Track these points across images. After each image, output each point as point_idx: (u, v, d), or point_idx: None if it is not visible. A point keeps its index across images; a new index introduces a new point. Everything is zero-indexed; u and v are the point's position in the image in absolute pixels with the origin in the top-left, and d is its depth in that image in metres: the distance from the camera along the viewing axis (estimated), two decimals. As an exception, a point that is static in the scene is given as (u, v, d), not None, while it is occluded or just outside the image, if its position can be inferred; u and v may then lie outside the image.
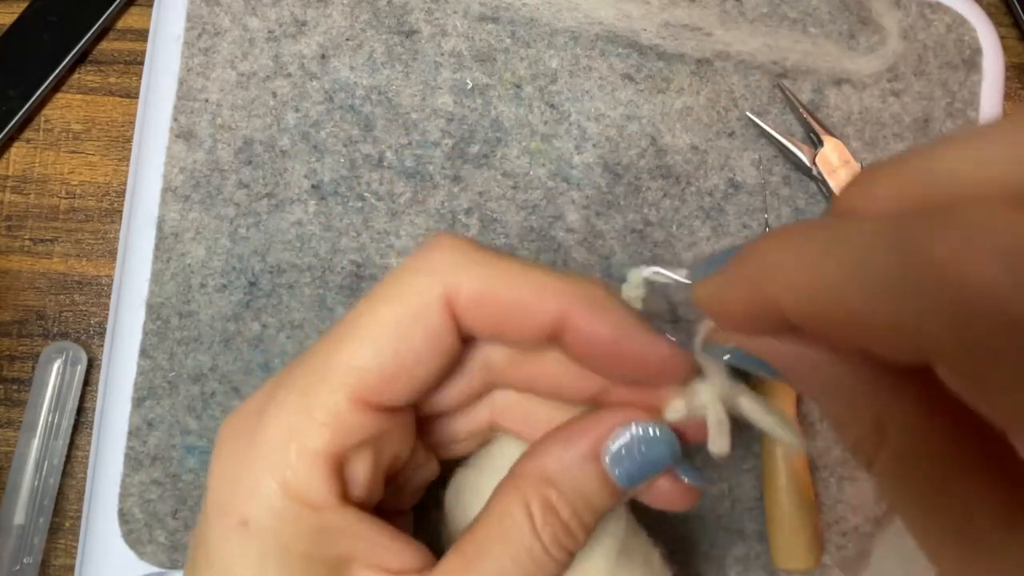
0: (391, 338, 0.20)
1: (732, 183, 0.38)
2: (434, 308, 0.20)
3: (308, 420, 0.20)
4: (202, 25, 0.38)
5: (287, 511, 0.19)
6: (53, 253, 0.40)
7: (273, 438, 0.20)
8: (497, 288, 0.21)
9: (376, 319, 0.20)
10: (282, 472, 0.19)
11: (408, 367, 0.20)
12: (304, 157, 0.37)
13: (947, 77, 0.39)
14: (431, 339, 0.21)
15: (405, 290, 0.21)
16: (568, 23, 0.38)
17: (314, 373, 0.20)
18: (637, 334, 0.21)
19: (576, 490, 0.21)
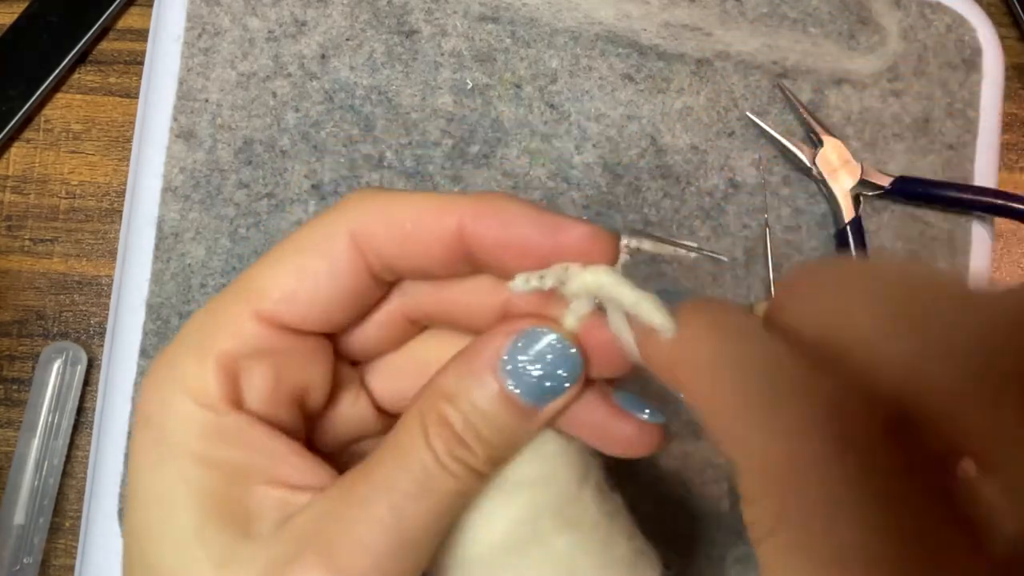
0: (295, 264, 0.22)
1: (732, 183, 0.38)
2: (337, 239, 0.22)
3: (211, 328, 0.22)
4: (202, 25, 0.38)
5: (181, 407, 0.21)
6: (53, 253, 0.40)
7: (181, 347, 0.22)
8: (395, 212, 0.22)
9: (285, 249, 0.22)
10: (181, 371, 0.21)
11: (308, 289, 0.22)
12: (304, 157, 0.37)
13: (947, 77, 0.39)
14: (333, 266, 0.22)
15: (313, 230, 0.22)
16: (568, 23, 0.38)
17: (222, 295, 0.22)
18: (531, 219, 0.21)
19: (471, 403, 0.21)
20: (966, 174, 0.39)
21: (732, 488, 0.37)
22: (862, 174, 0.38)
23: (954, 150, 0.39)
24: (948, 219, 0.39)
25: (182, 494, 0.21)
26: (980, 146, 0.39)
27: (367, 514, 0.20)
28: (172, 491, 0.21)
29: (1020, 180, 0.43)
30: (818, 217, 0.38)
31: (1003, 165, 0.42)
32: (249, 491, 0.21)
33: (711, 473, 0.37)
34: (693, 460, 0.37)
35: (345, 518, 0.20)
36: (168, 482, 0.21)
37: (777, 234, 0.38)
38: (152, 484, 0.21)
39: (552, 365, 0.21)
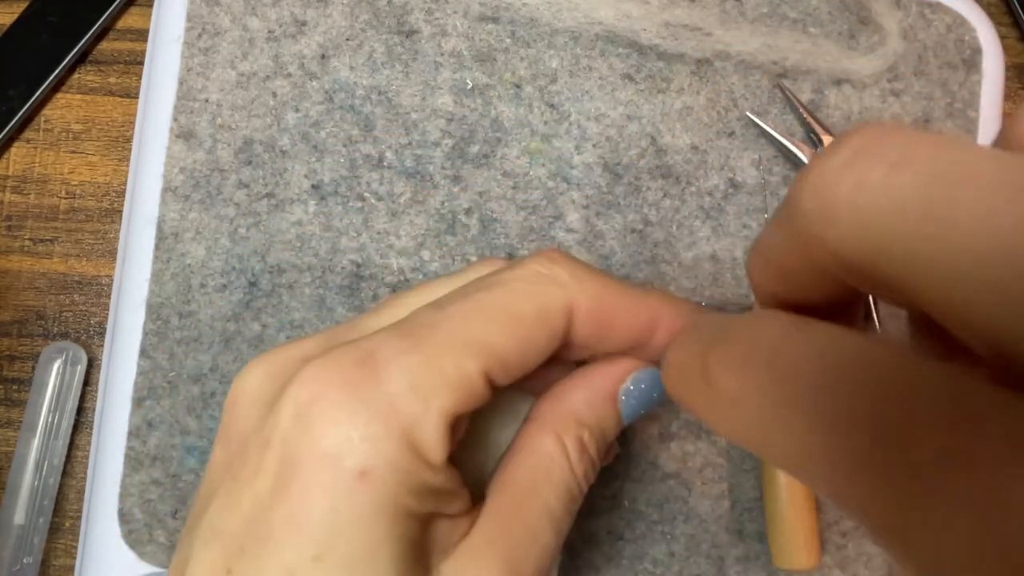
0: (524, 331, 0.22)
1: (732, 183, 0.38)
2: (558, 314, 0.22)
3: (439, 380, 0.20)
4: (202, 25, 0.38)
5: (409, 466, 0.19)
6: (53, 253, 0.40)
7: (403, 392, 0.19)
8: (607, 304, 0.23)
9: (510, 309, 0.22)
10: (410, 426, 0.19)
11: (527, 358, 0.22)
12: (304, 157, 0.37)
13: (947, 77, 0.39)
14: (550, 341, 0.22)
15: (535, 291, 0.22)
16: (568, 23, 0.38)
17: (445, 337, 0.21)
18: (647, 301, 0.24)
19: (600, 427, 0.24)
20: (966, 174, 0.39)
21: (732, 488, 0.37)
22: (862, 174, 0.38)
23: (954, 150, 0.39)
24: (948, 219, 0.39)
25: (387, 555, 0.19)
26: (980, 146, 0.39)
27: (541, 538, 0.22)
28: (379, 552, 0.19)
29: (1020, 180, 0.43)
30: (818, 217, 0.38)
31: (1003, 165, 0.42)
32: (430, 527, 0.21)
33: (711, 473, 0.37)
34: (693, 460, 0.37)
35: (523, 545, 0.22)
36: (376, 542, 0.19)
37: (777, 234, 0.38)
38: (357, 544, 0.19)
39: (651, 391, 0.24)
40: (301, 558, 0.18)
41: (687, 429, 0.37)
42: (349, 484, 0.18)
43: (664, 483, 0.37)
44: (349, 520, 0.18)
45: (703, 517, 0.37)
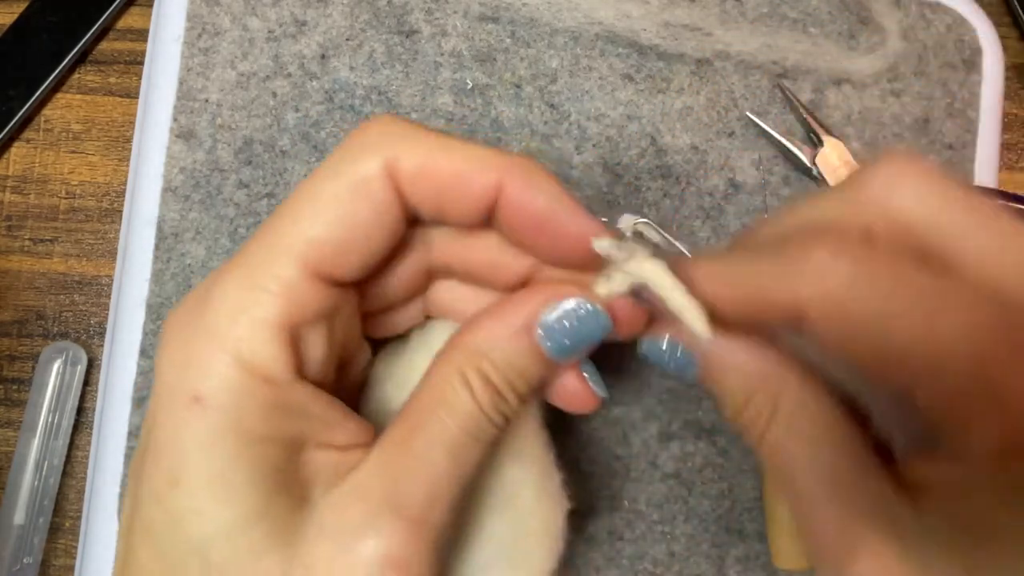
0: (339, 211, 0.21)
1: (732, 183, 0.38)
2: (377, 181, 0.21)
3: (261, 292, 0.20)
4: (202, 25, 0.38)
5: (242, 385, 0.19)
6: (53, 253, 0.40)
7: (224, 313, 0.19)
8: (437, 159, 0.21)
9: (322, 195, 0.21)
10: (235, 345, 0.19)
11: (357, 239, 0.21)
12: (304, 157, 0.37)
13: (947, 77, 0.39)
14: (377, 211, 0.21)
15: (347, 166, 0.21)
16: (568, 23, 0.38)
17: (263, 249, 0.20)
18: (569, 209, 0.22)
19: (507, 361, 0.22)
20: (966, 174, 0.39)
21: (732, 488, 0.37)
22: (862, 174, 0.38)
23: (954, 150, 0.39)
24: (948, 219, 0.39)
25: (242, 476, 0.19)
26: (980, 146, 0.39)
27: (430, 466, 0.21)
28: (230, 473, 0.19)
29: (1020, 180, 0.43)
30: (818, 217, 0.38)
31: (1003, 165, 0.42)
32: (304, 458, 0.20)
33: (711, 473, 0.37)
34: (693, 460, 0.37)
35: (410, 472, 0.20)
36: (224, 463, 0.19)
37: (777, 234, 0.38)
38: (204, 466, 0.19)
39: (583, 327, 0.22)
40: (161, 485, 0.19)
41: (687, 429, 0.37)
42: (184, 410, 0.19)
43: (664, 483, 0.37)
44: (192, 445, 0.19)
45: (703, 517, 0.37)
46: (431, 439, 0.21)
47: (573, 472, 0.36)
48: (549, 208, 0.22)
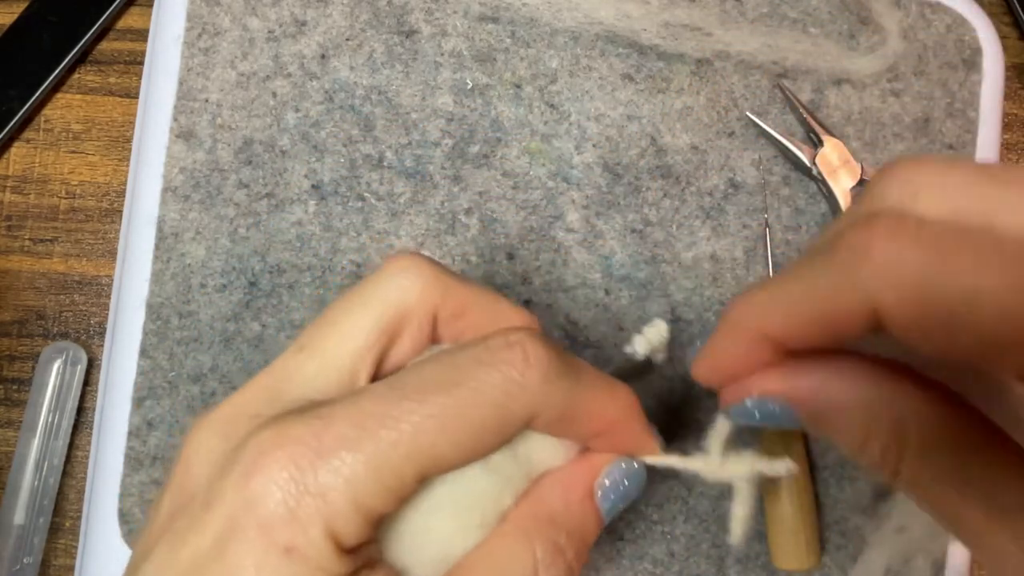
0: (476, 438, 0.21)
1: (732, 183, 0.38)
2: (517, 423, 0.21)
3: (373, 483, 0.20)
4: (202, 25, 0.38)
5: (326, 551, 0.20)
6: (53, 253, 0.40)
7: (333, 484, 0.20)
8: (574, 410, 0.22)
9: (468, 420, 0.21)
10: (333, 515, 0.20)
11: (471, 458, 0.21)
12: (304, 157, 0.37)
13: (947, 77, 0.39)
14: (501, 443, 0.21)
15: (499, 402, 0.21)
16: (568, 23, 0.38)
17: (389, 443, 0.20)
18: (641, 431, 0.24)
19: (578, 529, 0.23)
20: (966, 174, 0.39)
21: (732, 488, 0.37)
22: (862, 174, 0.38)
23: (954, 150, 0.39)
24: (948, 219, 0.39)
25: None
26: (980, 146, 0.39)
27: None
28: None
29: (1020, 180, 0.43)
30: (818, 217, 0.38)
31: (1003, 165, 0.42)
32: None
33: (711, 473, 0.37)
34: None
35: None
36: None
37: (777, 234, 0.38)
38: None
39: (631, 487, 0.24)
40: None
41: (687, 430, 0.37)
42: (277, 556, 0.20)
43: (664, 483, 0.37)
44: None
45: (703, 517, 0.37)
46: None
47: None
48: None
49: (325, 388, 0.22)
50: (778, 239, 0.38)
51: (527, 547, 0.22)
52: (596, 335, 0.37)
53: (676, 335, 0.37)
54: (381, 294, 0.23)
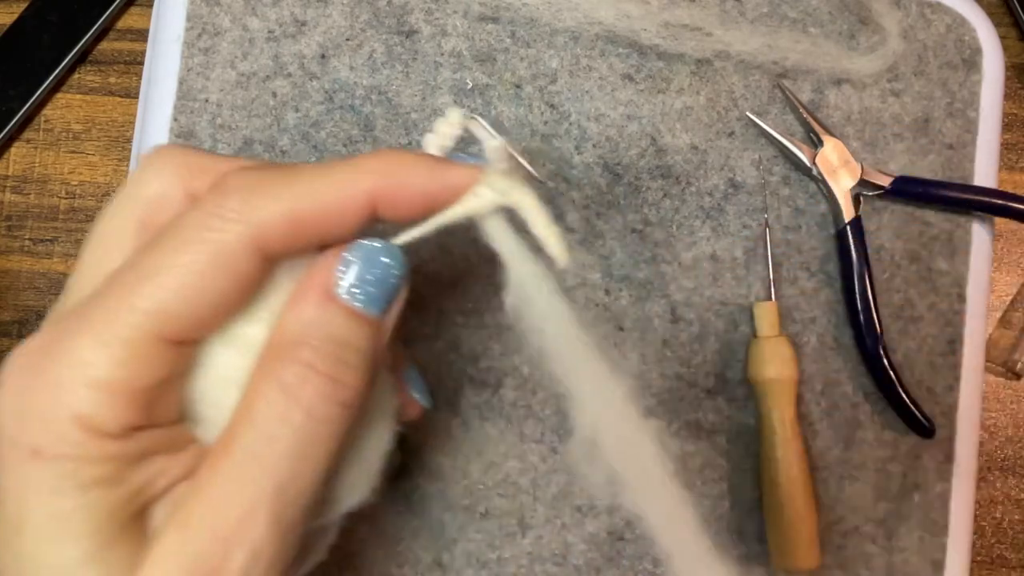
0: (196, 282, 0.20)
1: (732, 183, 0.38)
2: (242, 255, 0.20)
3: (105, 353, 0.20)
4: (202, 25, 0.38)
5: (79, 440, 0.19)
6: (53, 253, 0.40)
7: (67, 371, 0.20)
8: (301, 210, 0.21)
9: (177, 259, 0.20)
10: (76, 404, 0.19)
11: (213, 306, 0.21)
12: (304, 157, 0.37)
13: (947, 77, 0.39)
14: (237, 281, 0.21)
15: (206, 234, 0.20)
16: (568, 23, 0.38)
17: (112, 310, 0.20)
18: (444, 170, 0.23)
19: (326, 337, 0.21)
20: (966, 174, 0.39)
21: (732, 488, 0.37)
22: (862, 174, 0.38)
23: (954, 150, 0.39)
24: (948, 219, 0.39)
25: (80, 522, 0.19)
26: (980, 146, 0.39)
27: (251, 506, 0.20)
28: (67, 520, 0.19)
29: (1020, 180, 0.43)
30: (818, 217, 0.38)
31: (1003, 165, 0.42)
32: (149, 497, 0.21)
33: (711, 473, 0.37)
34: (693, 460, 0.37)
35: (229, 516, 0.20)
36: (62, 511, 0.19)
37: (777, 234, 0.38)
38: (43, 514, 0.19)
39: (378, 268, 0.22)
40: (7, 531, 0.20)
41: (687, 429, 0.37)
42: (24, 462, 0.19)
43: (664, 483, 0.37)
44: (32, 495, 0.19)
45: (703, 517, 0.37)
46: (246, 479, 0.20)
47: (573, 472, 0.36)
48: (428, 185, 0.22)
49: (98, 283, 0.22)
50: (778, 239, 0.38)
51: (272, 381, 0.21)
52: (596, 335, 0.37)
53: (675, 335, 0.37)
54: (130, 192, 0.23)
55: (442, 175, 0.23)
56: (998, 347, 0.42)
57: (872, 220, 0.39)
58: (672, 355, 0.37)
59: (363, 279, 0.22)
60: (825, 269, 0.38)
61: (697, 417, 0.37)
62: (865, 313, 0.37)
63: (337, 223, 0.21)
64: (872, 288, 0.37)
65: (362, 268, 0.22)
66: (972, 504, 0.38)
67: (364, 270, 0.22)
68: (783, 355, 0.36)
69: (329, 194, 0.21)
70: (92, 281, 0.21)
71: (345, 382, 0.21)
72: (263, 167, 0.22)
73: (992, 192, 0.38)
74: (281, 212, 0.21)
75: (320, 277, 0.22)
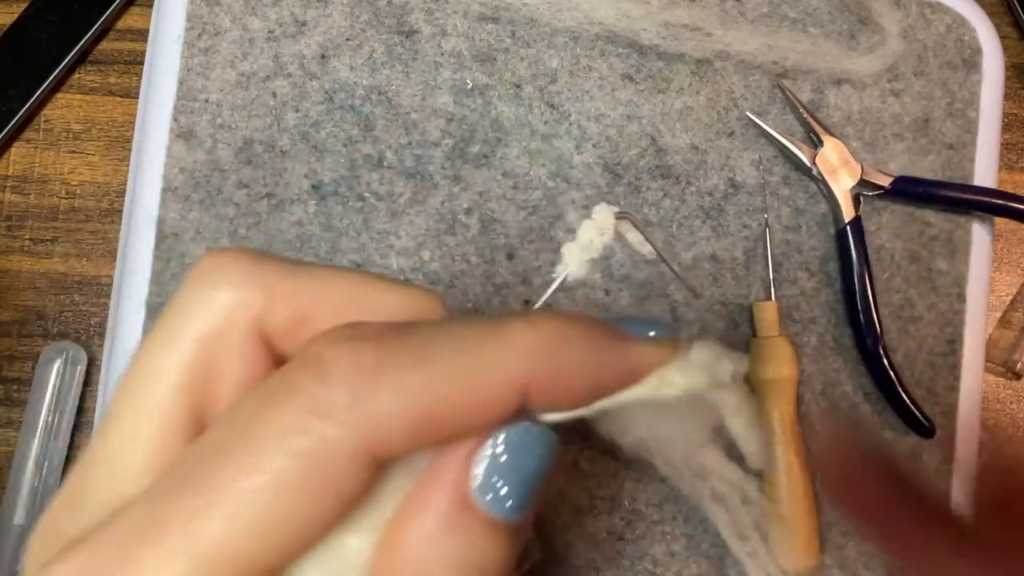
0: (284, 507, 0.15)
1: (732, 183, 0.38)
2: (347, 467, 0.15)
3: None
4: (202, 25, 0.38)
5: None
6: (53, 253, 0.40)
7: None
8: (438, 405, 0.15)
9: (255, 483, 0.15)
10: None
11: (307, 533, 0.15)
12: (304, 157, 0.37)
13: (947, 77, 0.39)
14: (339, 499, 0.15)
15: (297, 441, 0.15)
16: (568, 23, 0.38)
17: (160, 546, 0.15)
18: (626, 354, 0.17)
19: (464, 563, 0.16)
20: (966, 174, 0.39)
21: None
22: (862, 174, 0.38)
23: (954, 150, 0.39)
24: (948, 219, 0.39)
25: None
26: (980, 146, 0.39)
27: None
28: None
29: (1020, 180, 0.43)
30: (818, 217, 0.38)
31: (1003, 165, 0.42)
32: None
33: (711, 473, 0.37)
34: (693, 460, 0.37)
35: None
36: None
37: (777, 234, 0.38)
38: None
39: (516, 459, 0.16)
40: None
41: (687, 429, 0.37)
42: None
43: (664, 483, 0.37)
44: None
45: (703, 517, 0.37)
46: None
47: (573, 472, 0.36)
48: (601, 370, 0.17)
49: (134, 474, 0.17)
50: (778, 239, 0.38)
51: None
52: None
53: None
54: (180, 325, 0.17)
55: (621, 357, 0.17)
56: (998, 347, 0.42)
57: (872, 220, 0.39)
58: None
59: (507, 477, 0.16)
60: (825, 269, 0.38)
61: (697, 417, 0.37)
62: (865, 313, 0.37)
63: (478, 419, 0.16)
64: (872, 288, 0.37)
65: (507, 465, 0.16)
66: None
67: (509, 467, 0.16)
68: (783, 355, 0.36)
69: (472, 384, 0.15)
70: (120, 452, 0.17)
71: None
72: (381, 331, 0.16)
73: (992, 192, 0.38)
74: (407, 411, 0.15)
75: (452, 479, 0.16)
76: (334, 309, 0.17)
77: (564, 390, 0.16)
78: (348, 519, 0.16)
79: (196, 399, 0.17)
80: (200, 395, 0.17)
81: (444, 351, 0.16)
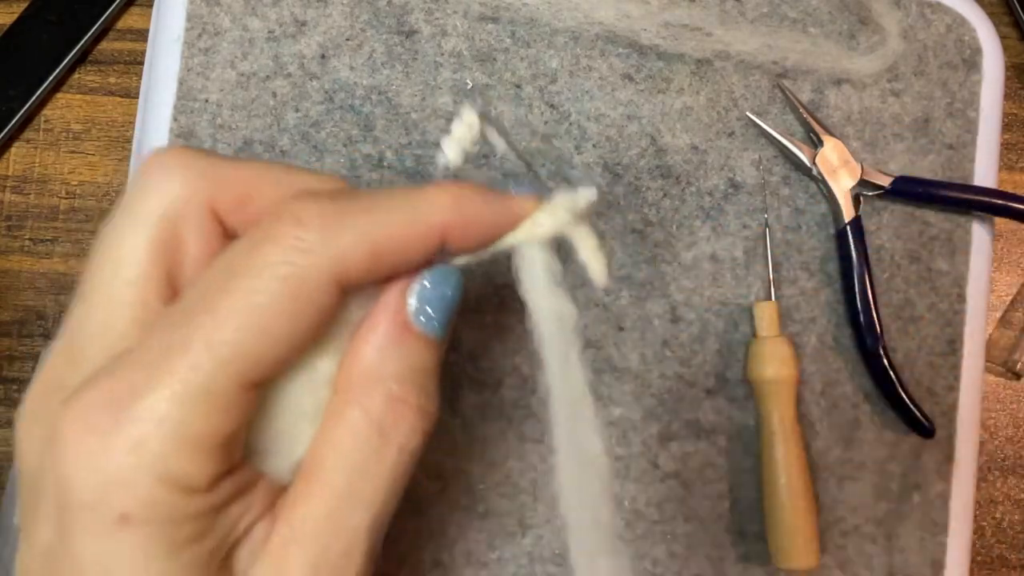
0: (278, 323, 0.19)
1: (732, 183, 0.38)
2: (322, 290, 0.20)
3: (187, 411, 0.18)
4: (202, 25, 0.38)
5: (169, 501, 0.18)
6: (53, 253, 0.40)
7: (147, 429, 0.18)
8: (384, 240, 0.20)
9: (256, 301, 0.19)
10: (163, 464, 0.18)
11: (293, 346, 0.20)
12: (304, 157, 0.37)
13: (947, 77, 0.39)
14: (318, 317, 0.20)
15: (285, 270, 0.19)
16: (568, 23, 0.38)
17: (188, 358, 0.19)
18: (504, 204, 0.23)
19: (408, 367, 0.21)
20: (966, 174, 0.39)
21: (732, 488, 0.37)
22: (862, 174, 0.38)
23: (954, 150, 0.39)
24: (948, 219, 0.39)
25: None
26: (980, 146, 0.39)
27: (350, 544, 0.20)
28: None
29: (1020, 180, 0.43)
30: (818, 217, 0.38)
31: (1003, 165, 0.42)
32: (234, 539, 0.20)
33: (711, 473, 0.37)
34: (693, 460, 0.37)
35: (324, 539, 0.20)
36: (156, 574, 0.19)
37: (777, 234, 0.38)
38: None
39: (438, 290, 0.22)
40: None
41: (687, 429, 0.37)
42: (111, 530, 0.18)
43: (664, 483, 0.37)
44: (121, 565, 0.18)
45: (703, 517, 0.37)
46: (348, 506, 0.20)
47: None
48: (495, 218, 0.23)
49: (121, 331, 0.20)
50: (778, 239, 0.38)
51: (361, 414, 0.20)
52: (596, 335, 0.37)
53: (675, 335, 0.37)
54: (142, 207, 0.21)
55: (504, 208, 0.23)
56: (998, 347, 0.42)
57: (872, 220, 0.39)
58: (672, 355, 0.37)
59: (432, 305, 0.22)
60: (825, 269, 0.38)
61: (697, 417, 0.37)
62: (865, 313, 0.37)
63: (413, 254, 0.21)
64: (872, 288, 0.37)
65: (431, 294, 0.22)
66: (972, 504, 0.38)
67: (433, 296, 0.22)
68: (783, 355, 0.36)
69: (407, 227, 0.21)
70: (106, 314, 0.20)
71: (430, 411, 0.21)
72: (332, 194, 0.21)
73: (992, 192, 0.38)
74: (362, 244, 0.20)
75: (394, 306, 0.21)
76: (271, 189, 0.22)
77: (468, 234, 0.22)
78: (317, 346, 0.21)
79: (167, 267, 0.21)
80: (170, 263, 0.21)
81: (384, 204, 0.21)
